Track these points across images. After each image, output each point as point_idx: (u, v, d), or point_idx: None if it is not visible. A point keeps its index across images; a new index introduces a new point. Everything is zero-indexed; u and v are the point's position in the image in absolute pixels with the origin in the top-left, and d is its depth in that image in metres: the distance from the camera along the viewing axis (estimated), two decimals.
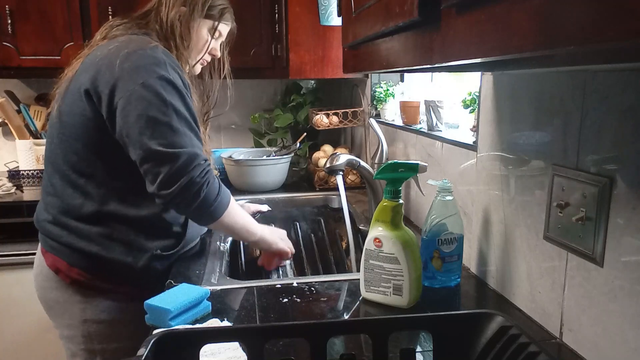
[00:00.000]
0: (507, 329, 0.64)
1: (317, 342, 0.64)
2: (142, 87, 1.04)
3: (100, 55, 1.11)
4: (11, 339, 2.00)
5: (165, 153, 1.03)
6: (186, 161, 1.04)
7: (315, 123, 2.04)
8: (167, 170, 1.04)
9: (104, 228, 1.13)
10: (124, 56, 1.07)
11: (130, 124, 1.05)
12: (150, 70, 1.06)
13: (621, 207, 0.68)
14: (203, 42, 1.27)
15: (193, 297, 0.91)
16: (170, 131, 1.05)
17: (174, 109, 1.06)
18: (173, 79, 1.07)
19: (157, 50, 1.10)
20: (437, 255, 1.03)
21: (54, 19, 2.04)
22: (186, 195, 1.06)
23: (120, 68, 1.06)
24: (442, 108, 1.38)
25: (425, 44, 0.57)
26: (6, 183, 2.14)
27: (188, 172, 1.04)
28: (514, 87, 0.93)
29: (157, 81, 1.05)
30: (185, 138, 1.06)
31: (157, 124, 1.04)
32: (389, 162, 0.96)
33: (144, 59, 1.07)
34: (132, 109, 1.04)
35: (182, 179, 1.04)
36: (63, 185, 1.14)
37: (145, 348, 0.59)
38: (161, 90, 1.05)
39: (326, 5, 2.03)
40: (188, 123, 1.08)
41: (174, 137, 1.05)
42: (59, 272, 1.15)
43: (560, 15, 0.34)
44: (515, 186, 0.94)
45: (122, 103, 1.05)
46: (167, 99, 1.05)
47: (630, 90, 0.66)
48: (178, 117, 1.06)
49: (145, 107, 1.04)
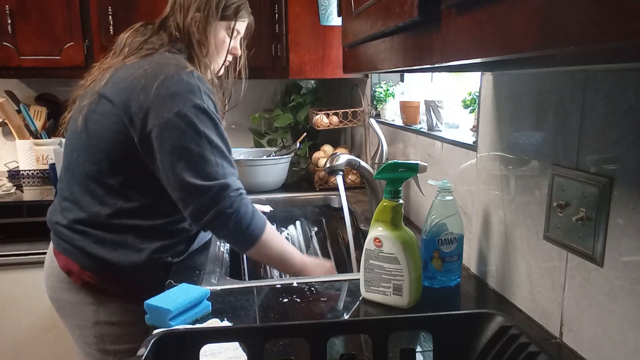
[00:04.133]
0: (507, 329, 0.64)
1: (317, 342, 0.64)
2: (176, 116, 1.05)
3: (135, 75, 1.10)
4: (11, 339, 2.00)
5: (196, 186, 1.05)
6: (216, 194, 1.06)
7: (315, 123, 2.04)
8: (197, 203, 1.07)
9: (117, 235, 1.14)
10: (160, 81, 1.07)
11: (164, 152, 1.07)
12: (185, 99, 1.06)
13: (621, 207, 0.68)
14: (223, 44, 1.26)
15: (193, 297, 0.91)
16: (202, 162, 1.06)
17: (208, 139, 1.07)
18: (207, 107, 1.08)
19: (192, 76, 1.10)
20: (437, 255, 1.03)
21: (54, 19, 2.04)
22: (217, 224, 1.09)
23: (155, 93, 1.06)
24: (442, 108, 1.38)
25: (425, 44, 0.57)
26: (6, 183, 2.14)
27: (217, 205, 1.07)
28: (514, 87, 0.93)
29: (192, 110, 1.06)
30: (217, 168, 1.07)
31: (190, 155, 1.06)
32: (389, 162, 0.96)
33: (180, 86, 1.07)
34: (167, 138, 1.06)
35: (212, 211, 1.07)
36: (82, 193, 1.14)
37: (145, 348, 0.59)
38: (195, 119, 1.06)
39: (326, 5, 2.03)
40: (221, 152, 1.09)
41: (206, 169, 1.06)
42: (71, 274, 1.15)
43: (560, 15, 0.34)
44: (515, 186, 0.94)
45: (156, 131, 1.06)
46: (201, 129, 1.06)
47: (630, 90, 0.66)
48: (211, 146, 1.07)
49: (179, 137, 1.05)
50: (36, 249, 1.87)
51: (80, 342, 1.21)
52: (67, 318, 1.21)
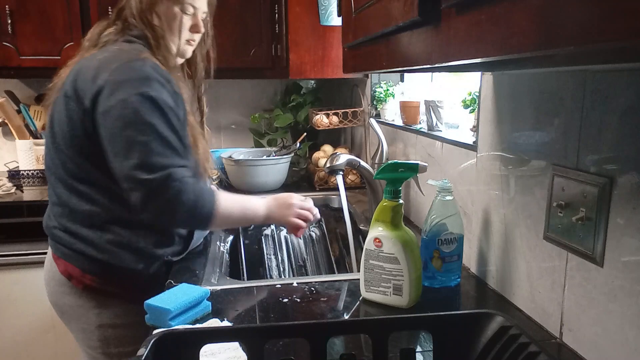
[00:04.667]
0: (507, 329, 0.64)
1: (317, 342, 0.64)
2: (121, 104, 1.02)
3: (88, 66, 1.08)
4: (11, 339, 2.00)
5: (138, 179, 1.02)
6: (157, 186, 1.03)
7: (315, 123, 2.04)
8: (139, 195, 1.03)
9: (113, 235, 1.12)
10: (111, 70, 1.04)
11: (107, 141, 1.04)
12: (132, 87, 1.03)
13: (621, 207, 0.68)
14: (176, 21, 1.18)
15: (193, 297, 0.91)
16: (145, 153, 1.02)
17: (153, 129, 1.03)
18: (156, 96, 1.04)
19: (145, 64, 1.06)
20: (437, 255, 1.03)
21: (54, 19, 2.04)
22: (162, 216, 1.07)
23: (103, 80, 1.03)
24: (442, 108, 1.38)
25: (425, 44, 0.57)
26: (6, 183, 2.14)
27: (158, 196, 1.03)
28: (514, 87, 0.93)
29: (138, 98, 1.02)
30: (160, 159, 1.03)
31: (132, 144, 1.02)
32: (389, 162, 0.96)
33: (128, 73, 1.04)
34: (110, 127, 1.03)
35: (153, 204, 1.04)
36: (68, 194, 1.13)
37: (145, 348, 0.59)
38: (140, 108, 1.02)
39: (326, 5, 2.03)
40: (167, 142, 1.05)
41: (149, 160, 1.03)
42: (71, 279, 1.14)
43: (560, 15, 0.34)
44: (515, 186, 0.93)
45: (100, 119, 1.04)
46: (146, 118, 1.02)
47: (630, 90, 0.66)
48: (156, 136, 1.03)
49: (122, 126, 1.02)
50: (36, 249, 1.86)
51: (84, 345, 1.21)
52: (70, 322, 1.20)
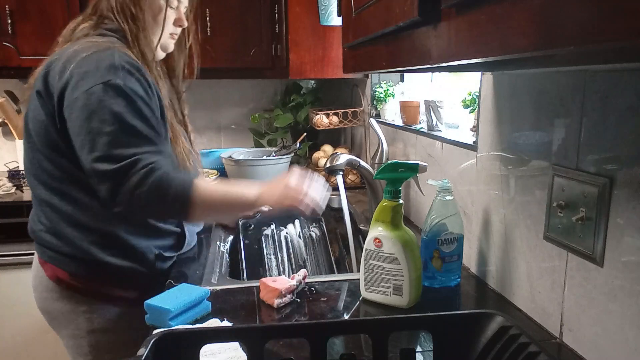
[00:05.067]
0: (507, 329, 0.64)
1: (317, 342, 0.64)
2: (85, 94, 0.99)
3: (58, 59, 1.06)
4: (11, 339, 2.00)
5: (103, 171, 0.99)
6: (122, 175, 0.99)
7: (315, 123, 2.04)
8: (106, 187, 1.00)
9: (99, 234, 1.09)
10: (78, 62, 1.02)
11: (74, 135, 1.02)
12: (97, 77, 1.00)
13: (621, 207, 0.68)
14: (160, 14, 1.16)
15: (193, 297, 0.91)
16: (110, 143, 0.99)
17: (119, 118, 1.00)
18: (123, 85, 1.01)
19: (112, 53, 1.04)
20: (437, 255, 1.03)
21: (54, 19, 2.04)
22: (133, 206, 1.01)
23: (70, 73, 1.01)
24: (442, 108, 1.38)
25: (425, 44, 0.57)
26: (6, 183, 2.14)
27: (123, 186, 0.99)
28: (514, 87, 0.93)
29: (103, 87, 1.00)
30: (127, 149, 1.00)
31: (97, 135, 0.99)
32: (389, 162, 0.96)
33: (94, 64, 1.02)
34: (75, 119, 1.01)
35: (121, 195, 1.00)
36: (49, 195, 1.09)
37: (145, 348, 0.59)
38: (105, 97, 1.00)
39: (326, 5, 2.03)
40: (135, 131, 1.02)
41: (114, 150, 0.99)
42: (60, 282, 1.11)
43: (560, 15, 0.34)
44: (515, 186, 0.93)
45: (68, 111, 1.02)
46: (111, 107, 1.00)
47: (630, 90, 0.66)
48: (122, 125, 1.00)
49: (87, 116, 0.99)
50: None
51: (74, 353, 1.17)
52: (60, 329, 1.17)
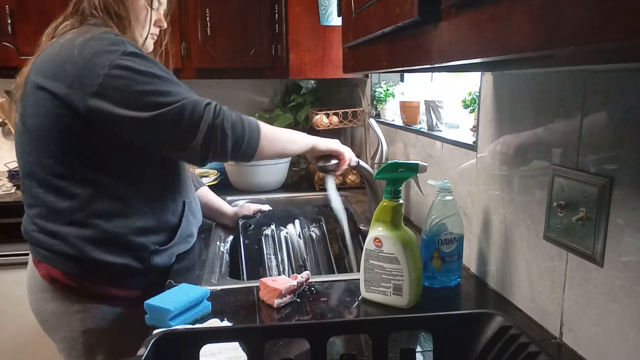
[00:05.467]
0: (507, 329, 0.64)
1: (317, 342, 0.64)
2: (112, 68, 1.01)
3: (53, 52, 1.06)
4: (11, 339, 2.00)
5: (168, 112, 1.01)
6: (193, 109, 1.02)
7: (315, 123, 2.04)
8: (182, 125, 1.02)
9: (95, 230, 1.08)
10: (81, 45, 1.03)
11: (121, 108, 1.01)
12: (111, 51, 1.02)
13: (621, 207, 0.68)
14: (143, 14, 1.19)
15: (193, 297, 0.91)
16: (161, 95, 1.02)
17: (154, 75, 1.03)
18: (137, 51, 1.05)
19: (110, 32, 1.07)
20: (437, 255, 1.03)
21: (53, 19, 2.01)
22: (215, 135, 1.04)
23: (80, 59, 1.02)
24: (442, 108, 1.38)
25: (425, 44, 0.57)
26: (6, 183, 2.14)
27: (202, 114, 1.03)
28: (514, 87, 0.93)
29: (124, 57, 1.02)
30: (178, 93, 1.03)
31: (145, 95, 1.01)
32: (389, 162, 0.96)
33: (101, 42, 1.03)
34: (115, 92, 1.01)
35: (202, 122, 1.03)
36: (44, 193, 1.09)
37: (145, 348, 0.59)
38: (131, 63, 1.02)
39: (326, 5, 2.03)
40: (173, 81, 1.06)
41: (167, 98, 1.02)
42: (54, 282, 1.10)
43: (560, 15, 0.34)
44: (515, 186, 0.94)
45: (100, 91, 1.01)
46: (142, 69, 1.02)
47: (630, 90, 0.66)
48: (161, 80, 1.04)
49: (127, 85, 1.01)
50: None
51: (66, 355, 1.16)
52: (53, 331, 1.16)
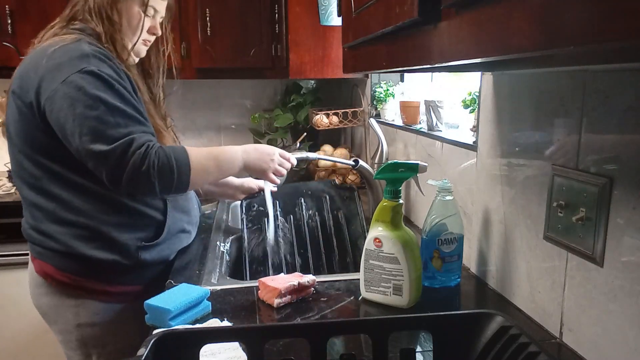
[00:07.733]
0: (507, 329, 0.64)
1: (317, 342, 0.64)
2: (64, 84, 1.02)
3: (28, 60, 1.10)
4: (11, 339, 2.00)
5: (101, 152, 1.02)
6: (121, 154, 1.02)
7: (315, 123, 2.04)
8: (108, 168, 1.03)
9: (82, 228, 1.11)
10: (48, 55, 1.05)
11: (60, 124, 1.04)
12: (71, 66, 1.03)
13: (621, 207, 0.68)
14: (136, 21, 1.19)
15: (193, 297, 0.91)
16: (100, 125, 1.02)
17: (102, 101, 1.03)
18: (97, 70, 1.04)
19: (80, 43, 1.07)
20: (437, 255, 1.03)
21: (53, 19, 2.01)
22: (139, 185, 1.05)
23: (43, 68, 1.04)
24: (442, 108, 1.38)
25: (425, 44, 0.57)
26: (6, 183, 2.14)
27: (127, 165, 1.02)
28: (514, 87, 0.93)
29: (80, 75, 1.03)
30: (118, 129, 1.03)
31: (85, 120, 1.02)
32: (389, 162, 0.96)
33: (66, 54, 1.05)
34: (59, 109, 1.03)
35: (125, 174, 1.03)
36: (33, 194, 1.12)
37: (145, 348, 0.59)
38: (84, 83, 1.02)
39: (326, 5, 2.03)
40: (121, 111, 1.05)
41: (106, 132, 1.02)
42: (47, 277, 1.14)
43: (560, 15, 0.34)
44: (515, 186, 0.94)
45: (48, 104, 1.04)
46: (93, 92, 1.02)
47: (630, 90, 0.66)
48: (107, 108, 1.03)
49: (70, 104, 1.02)
50: None
51: (64, 347, 1.20)
52: (51, 324, 1.20)
